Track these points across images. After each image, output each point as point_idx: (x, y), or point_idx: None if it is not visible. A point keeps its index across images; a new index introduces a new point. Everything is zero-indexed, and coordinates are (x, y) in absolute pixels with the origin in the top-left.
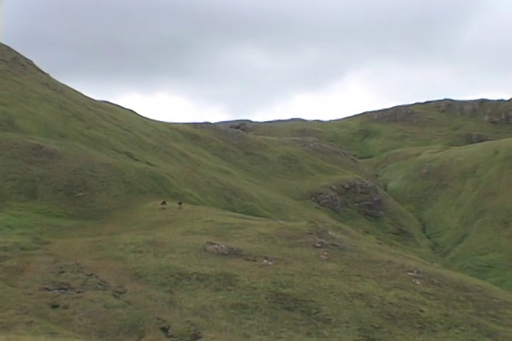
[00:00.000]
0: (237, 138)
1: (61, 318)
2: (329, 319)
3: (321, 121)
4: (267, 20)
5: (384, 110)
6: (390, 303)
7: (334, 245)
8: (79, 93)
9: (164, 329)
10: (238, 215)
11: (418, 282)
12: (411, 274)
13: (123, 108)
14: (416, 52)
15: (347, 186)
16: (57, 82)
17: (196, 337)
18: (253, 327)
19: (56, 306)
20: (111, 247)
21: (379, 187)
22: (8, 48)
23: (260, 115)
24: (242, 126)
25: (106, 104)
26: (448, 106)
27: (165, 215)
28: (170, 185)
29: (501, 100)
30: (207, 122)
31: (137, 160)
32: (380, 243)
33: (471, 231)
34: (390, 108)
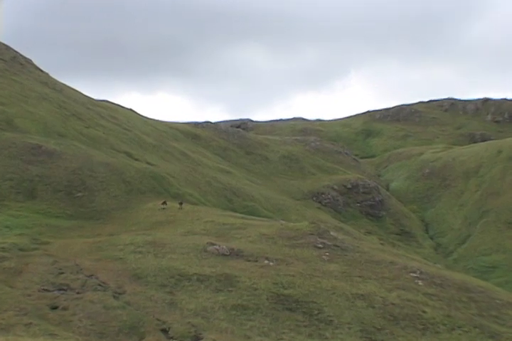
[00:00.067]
0: (237, 137)
1: (60, 319)
2: (331, 320)
3: (323, 121)
4: (268, 19)
5: (386, 109)
6: (393, 304)
7: (336, 246)
8: (78, 92)
9: (164, 330)
10: (239, 215)
11: (421, 283)
12: (413, 275)
13: (123, 107)
14: (417, 51)
15: (349, 186)
16: (56, 81)
17: (197, 339)
18: (254, 328)
19: (55, 307)
20: (110, 248)
21: (381, 187)
22: (7, 47)
23: (261, 114)
24: (243, 126)
25: (105, 103)
26: (451, 105)
27: (165, 215)
28: (170, 185)
29: (505, 99)
30: (207, 121)
31: (137, 159)
32: (382, 243)
33: (474, 231)
34: (393, 107)
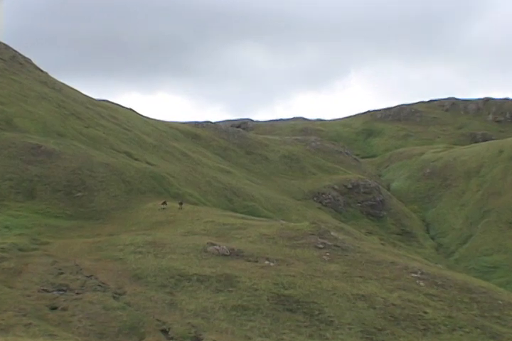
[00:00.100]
0: (238, 137)
1: (60, 320)
2: (332, 321)
3: (323, 120)
4: (268, 19)
5: (387, 109)
6: (394, 305)
7: (337, 246)
8: (78, 92)
9: (164, 331)
10: (239, 216)
11: (422, 283)
12: (414, 275)
13: (122, 107)
14: (418, 51)
15: (349, 186)
16: (55, 81)
17: (197, 339)
18: (254, 329)
19: (55, 308)
20: (110, 248)
21: (382, 187)
22: (6, 46)
23: (261, 114)
24: (243, 125)
25: (105, 103)
26: (452, 105)
27: (165, 216)
28: (170, 185)
29: (506, 99)
30: (207, 121)
31: (137, 159)
32: (383, 244)
33: (476, 231)
34: (394, 107)
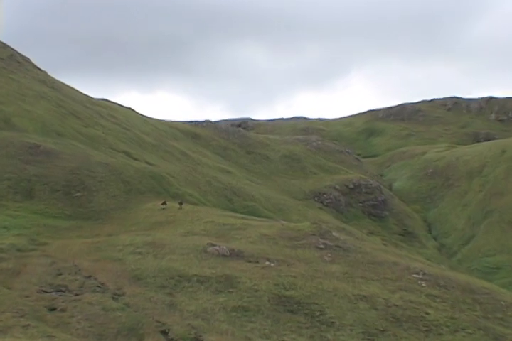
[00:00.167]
0: (238, 136)
1: (58, 321)
2: (333, 322)
3: (324, 120)
4: (269, 18)
5: (389, 108)
6: (395, 306)
7: (338, 246)
8: (76, 91)
9: (164, 332)
10: (239, 216)
11: (424, 284)
12: (417, 276)
13: (122, 106)
14: (419, 49)
15: (351, 186)
16: (54, 80)
17: None
18: (255, 330)
19: (53, 309)
20: (109, 248)
21: (384, 187)
22: (4, 45)
23: (262, 113)
24: (244, 125)
25: (104, 102)
26: (454, 104)
27: (165, 216)
28: (170, 185)
29: (509, 98)
30: (207, 121)
31: (136, 159)
32: (385, 244)
33: (478, 232)
34: (395, 106)
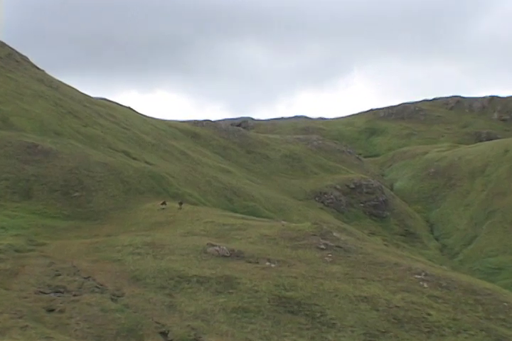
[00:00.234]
0: (238, 136)
1: (57, 322)
2: (334, 323)
3: (325, 119)
4: (269, 16)
5: (390, 107)
6: (397, 307)
7: (339, 247)
8: (75, 90)
9: (163, 333)
10: (239, 216)
11: (426, 285)
12: (418, 277)
13: (121, 105)
14: (421, 48)
15: (352, 186)
16: (52, 79)
17: None
18: (255, 331)
19: (52, 310)
20: (108, 249)
21: (385, 186)
22: (2, 44)
23: (262, 113)
24: (244, 124)
25: (103, 101)
26: (456, 103)
27: (164, 216)
28: (169, 185)
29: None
30: (207, 120)
31: (135, 159)
32: (386, 244)
33: (481, 232)
34: (397, 105)
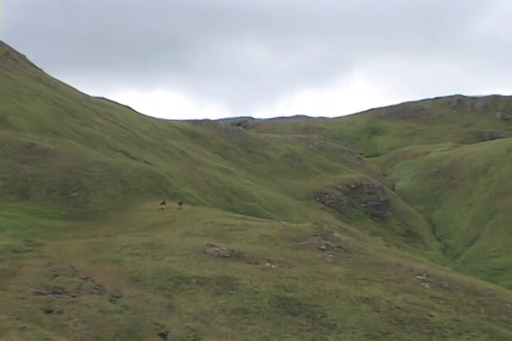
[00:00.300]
0: (238, 135)
1: (55, 324)
2: (335, 324)
3: (326, 118)
4: (270, 15)
5: (392, 106)
6: (398, 308)
7: (340, 247)
8: (73, 89)
9: (163, 335)
10: (239, 216)
11: (427, 286)
12: (420, 278)
13: (119, 104)
14: (422, 47)
15: (353, 186)
16: (50, 78)
17: None
18: (255, 332)
19: (50, 311)
20: (107, 249)
21: (386, 186)
22: (0, 43)
23: (262, 112)
24: (244, 124)
25: (101, 101)
26: (459, 102)
27: (163, 216)
28: (168, 185)
29: None
30: (207, 119)
31: (134, 158)
32: (388, 245)
33: (483, 232)
34: (399, 104)
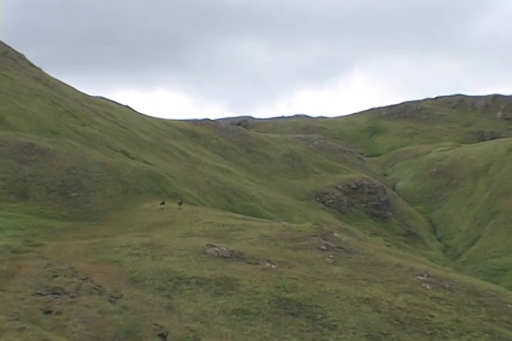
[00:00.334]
0: (238, 135)
1: (54, 324)
2: (335, 325)
3: (326, 118)
4: (270, 12)
5: (392, 106)
6: (399, 308)
7: (340, 247)
8: (72, 88)
9: (162, 335)
10: (239, 216)
11: (428, 286)
12: (421, 278)
13: (119, 104)
14: (423, 47)
15: (353, 186)
16: (49, 77)
17: None
18: (255, 333)
19: (49, 312)
20: (106, 250)
21: (387, 186)
22: None
23: (262, 112)
24: (244, 123)
25: (101, 100)
26: (459, 101)
27: (163, 216)
28: (168, 185)
29: None
30: (207, 119)
31: (134, 158)
32: (388, 245)
33: (484, 233)
34: (399, 104)
